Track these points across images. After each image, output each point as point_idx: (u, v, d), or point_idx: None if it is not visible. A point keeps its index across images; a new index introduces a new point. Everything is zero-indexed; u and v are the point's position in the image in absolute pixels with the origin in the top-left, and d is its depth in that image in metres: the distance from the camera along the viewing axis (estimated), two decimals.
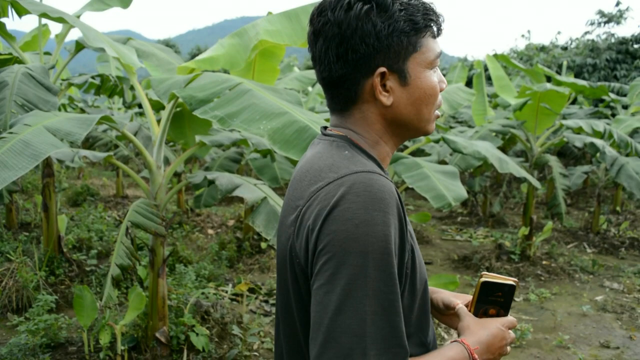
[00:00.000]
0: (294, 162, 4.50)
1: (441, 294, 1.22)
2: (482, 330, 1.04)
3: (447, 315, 1.20)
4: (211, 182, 2.99)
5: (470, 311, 1.11)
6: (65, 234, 5.73)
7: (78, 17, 4.35)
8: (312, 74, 6.91)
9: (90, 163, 12.80)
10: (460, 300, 1.19)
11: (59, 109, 10.38)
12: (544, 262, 5.96)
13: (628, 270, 5.77)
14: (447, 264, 6.13)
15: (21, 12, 3.51)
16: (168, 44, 30.53)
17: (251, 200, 2.81)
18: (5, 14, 3.58)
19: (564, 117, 8.74)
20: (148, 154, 3.12)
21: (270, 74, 4.66)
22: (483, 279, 1.09)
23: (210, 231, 7.23)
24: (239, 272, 5.49)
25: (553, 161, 6.00)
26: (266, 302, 4.75)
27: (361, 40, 0.95)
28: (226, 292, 4.72)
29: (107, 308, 3.52)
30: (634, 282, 5.40)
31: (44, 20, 4.68)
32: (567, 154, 9.97)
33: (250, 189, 2.95)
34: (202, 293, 4.18)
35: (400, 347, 0.86)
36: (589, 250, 6.68)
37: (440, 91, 1.05)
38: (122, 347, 3.26)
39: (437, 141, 4.57)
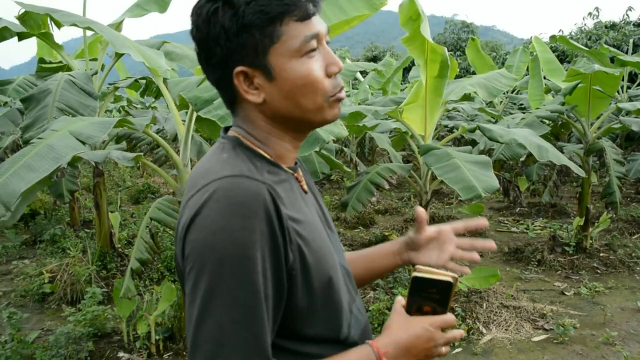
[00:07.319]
0: (324, 158, 4.51)
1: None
2: (401, 332, 0.99)
3: (423, 247, 1.22)
4: None
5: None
6: (121, 230, 6.05)
7: (120, 23, 4.58)
8: (356, 66, 6.86)
9: (154, 161, 13.37)
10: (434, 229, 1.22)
11: (119, 112, 10.91)
12: (601, 255, 5.66)
13: None
14: (498, 257, 5.95)
15: (58, 24, 3.74)
16: None
17: None
18: (45, 26, 3.83)
19: (630, 99, 8.19)
20: (174, 152, 3.25)
21: None
22: (414, 274, 0.99)
23: None
24: None
25: (607, 147, 5.66)
26: None
27: (214, 43, 0.92)
28: None
29: (145, 300, 3.71)
30: None
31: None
32: (637, 139, 9.34)
33: None
34: None
35: (260, 356, 0.84)
36: None
37: (331, 75, 0.96)
38: (157, 337, 3.42)
39: (472, 130, 4.41)
